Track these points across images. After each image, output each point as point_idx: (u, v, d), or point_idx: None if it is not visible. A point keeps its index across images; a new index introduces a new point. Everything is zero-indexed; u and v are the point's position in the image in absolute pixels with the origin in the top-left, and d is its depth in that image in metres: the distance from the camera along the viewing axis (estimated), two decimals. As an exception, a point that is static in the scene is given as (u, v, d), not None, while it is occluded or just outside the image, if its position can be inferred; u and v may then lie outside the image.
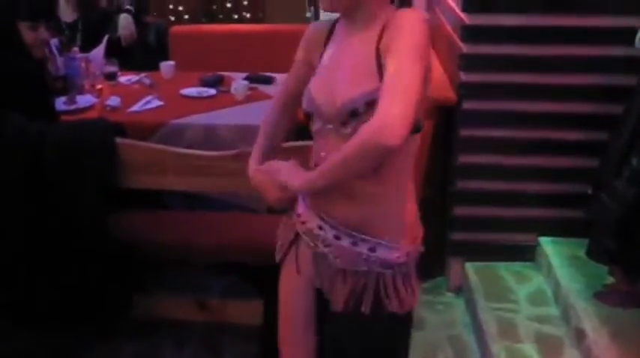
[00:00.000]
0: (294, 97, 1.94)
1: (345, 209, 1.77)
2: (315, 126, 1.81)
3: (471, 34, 3.16)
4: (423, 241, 1.88)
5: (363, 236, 1.76)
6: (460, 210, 3.39)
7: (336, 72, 1.75)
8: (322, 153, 1.78)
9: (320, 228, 1.81)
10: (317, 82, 1.81)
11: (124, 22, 4.52)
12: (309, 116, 1.83)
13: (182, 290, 3.26)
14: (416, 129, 1.68)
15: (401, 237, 1.78)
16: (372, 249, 1.76)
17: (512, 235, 3.41)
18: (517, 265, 3.40)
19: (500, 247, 3.42)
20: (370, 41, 1.70)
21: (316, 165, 1.80)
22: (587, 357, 2.68)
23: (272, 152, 1.97)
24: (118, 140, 2.66)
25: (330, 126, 1.75)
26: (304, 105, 1.83)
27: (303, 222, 1.86)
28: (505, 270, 3.38)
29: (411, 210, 1.83)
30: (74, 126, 2.88)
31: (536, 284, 3.26)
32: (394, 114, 1.52)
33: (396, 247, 1.77)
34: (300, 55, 1.94)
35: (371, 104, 1.62)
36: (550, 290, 3.19)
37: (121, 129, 2.81)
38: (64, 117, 3.12)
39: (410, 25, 1.64)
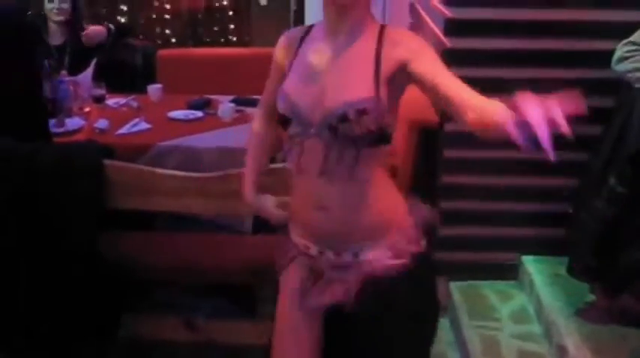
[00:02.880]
0: (275, 108, 1.91)
1: (318, 223, 1.80)
2: (293, 130, 1.79)
3: (452, 57, 3.24)
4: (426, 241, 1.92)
5: (345, 243, 1.80)
6: (444, 230, 3.44)
7: (324, 77, 1.75)
8: (303, 159, 1.78)
9: (306, 247, 1.86)
10: (298, 86, 1.79)
11: (97, 28, 4.52)
12: (284, 120, 1.81)
13: (170, 310, 3.28)
14: (388, 138, 1.73)
15: (383, 236, 1.81)
16: (356, 255, 1.80)
17: (495, 254, 3.46)
18: (500, 284, 3.45)
19: (483, 266, 3.47)
20: (367, 49, 1.72)
21: (298, 172, 1.81)
22: (569, 374, 2.73)
23: (263, 175, 2.03)
24: (107, 162, 2.69)
25: (313, 130, 1.74)
26: (281, 108, 1.81)
27: (295, 245, 1.91)
28: (488, 289, 3.42)
29: (393, 211, 1.86)
30: (63, 148, 2.92)
31: (519, 303, 3.31)
32: None
33: (380, 250, 1.80)
34: (274, 63, 1.95)
35: (362, 112, 1.65)
36: (532, 307, 3.24)
37: (109, 151, 2.84)
38: (53, 140, 3.15)
39: (421, 40, 1.73)
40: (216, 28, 6.43)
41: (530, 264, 3.36)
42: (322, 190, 1.76)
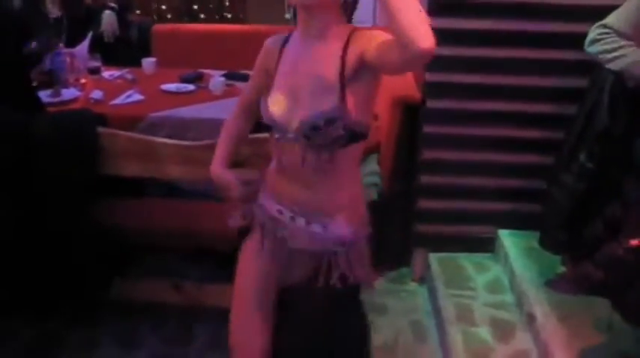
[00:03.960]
0: (253, 104, 2.09)
1: (302, 196, 1.93)
2: (276, 135, 1.94)
3: (437, 36, 3.34)
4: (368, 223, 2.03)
5: (316, 216, 1.93)
6: (424, 204, 3.58)
7: (294, 89, 1.87)
8: (284, 159, 1.93)
9: (279, 211, 1.98)
10: (274, 97, 1.92)
11: (107, 19, 4.69)
12: (265, 126, 1.96)
13: (160, 274, 3.41)
14: (361, 136, 1.86)
15: (350, 217, 1.95)
16: (325, 227, 1.93)
17: (473, 228, 3.60)
18: (477, 256, 3.60)
19: (461, 239, 3.61)
20: (333, 56, 1.80)
21: (278, 171, 1.97)
22: (537, 339, 2.87)
23: (233, 154, 2.17)
24: (101, 129, 2.81)
25: (291, 135, 1.87)
26: (263, 117, 1.95)
27: (265, 211, 2.04)
28: (466, 261, 3.57)
29: (358, 194, 2.01)
30: (58, 115, 3.04)
31: (494, 274, 3.45)
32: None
33: (347, 225, 1.93)
34: (257, 65, 2.06)
35: (331, 121, 1.77)
36: (507, 279, 3.38)
37: (102, 119, 2.96)
38: (49, 110, 3.26)
39: (378, 31, 1.76)
40: (211, 5, 6.51)
41: (506, 238, 3.50)
42: (306, 177, 1.91)
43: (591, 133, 2.82)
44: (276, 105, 1.90)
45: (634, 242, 2.33)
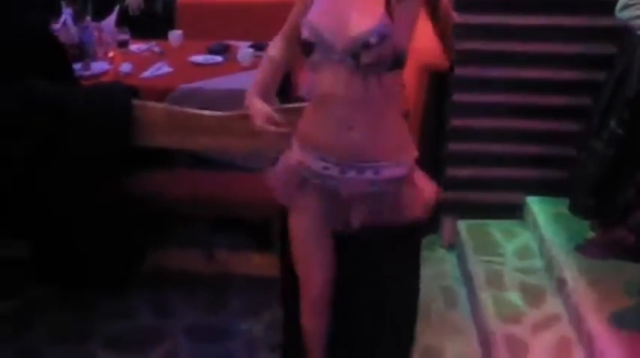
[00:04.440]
0: (298, 31, 2.00)
1: (343, 142, 1.94)
2: (315, 57, 1.91)
3: (462, 4, 3.35)
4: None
5: (365, 163, 1.95)
6: (452, 171, 3.60)
7: (339, 8, 1.87)
8: (327, 84, 1.90)
9: (325, 168, 2.00)
10: (320, 14, 1.91)
11: None
12: (307, 46, 1.91)
13: (190, 244, 3.47)
14: (403, 62, 1.88)
15: (398, 155, 1.98)
16: (377, 172, 1.96)
17: (501, 194, 3.63)
18: (506, 222, 3.62)
19: (490, 206, 3.64)
20: None
21: (320, 96, 1.94)
22: (567, 303, 2.91)
23: (274, 82, 2.16)
24: (134, 101, 2.85)
25: (336, 56, 1.86)
26: (305, 34, 1.91)
27: (307, 167, 2.04)
28: (494, 227, 3.60)
29: (402, 130, 2.03)
30: (93, 89, 3.09)
31: (523, 240, 3.48)
32: None
33: (397, 164, 1.97)
34: None
35: (382, 38, 1.79)
36: (535, 245, 3.41)
37: (135, 92, 2.99)
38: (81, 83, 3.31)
39: None
40: (233, -24, 6.49)
41: (535, 204, 3.52)
42: (347, 112, 1.90)
43: (621, 99, 2.84)
44: (321, 23, 1.89)
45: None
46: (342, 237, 2.11)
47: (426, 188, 2.08)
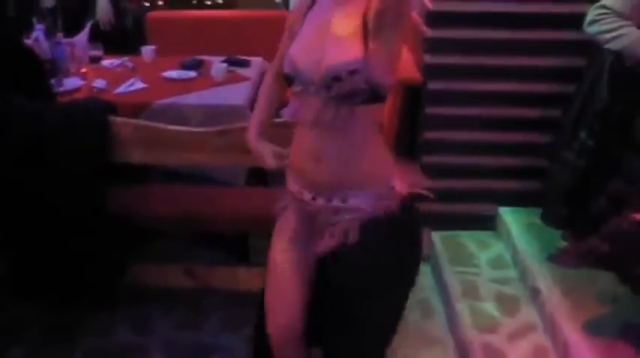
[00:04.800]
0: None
1: (312, 172, 1.97)
2: (296, 88, 1.96)
3: (435, 19, 3.41)
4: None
5: (335, 191, 1.97)
6: (428, 183, 3.63)
7: (320, 40, 1.91)
8: (302, 112, 1.95)
9: (299, 192, 2.04)
10: (298, 48, 1.96)
11: (103, 8, 4.72)
12: (288, 78, 1.98)
13: (168, 259, 3.47)
14: (382, 96, 1.90)
15: (370, 185, 1.96)
16: (344, 200, 1.97)
17: (474, 206, 3.68)
18: (479, 233, 3.68)
19: (463, 217, 3.69)
20: (356, 14, 1.87)
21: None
22: (542, 312, 2.96)
23: (267, 123, 2.22)
24: (112, 117, 2.86)
25: (312, 88, 1.90)
26: (285, 69, 1.98)
27: (291, 191, 2.09)
28: (468, 238, 3.65)
29: (378, 161, 1.99)
30: (71, 105, 3.09)
31: (497, 251, 3.54)
32: None
33: (367, 194, 1.95)
34: (286, 30, 2.11)
35: (353, 72, 1.82)
36: (509, 255, 3.47)
37: (112, 108, 3.00)
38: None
39: None
40: (202, -9, 6.55)
41: (507, 215, 3.58)
42: (317, 143, 1.93)
43: (591, 112, 2.91)
44: (301, 57, 1.94)
45: (639, 216, 2.42)
46: (322, 258, 2.12)
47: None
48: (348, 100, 1.87)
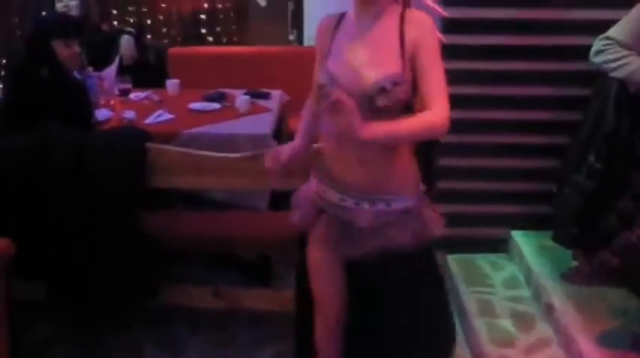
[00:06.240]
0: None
1: (359, 176, 2.14)
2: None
3: (446, 50, 3.59)
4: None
5: (378, 196, 2.15)
6: (441, 208, 3.78)
7: (358, 56, 2.09)
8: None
9: (342, 199, 2.20)
10: (337, 63, 2.12)
11: (126, 44, 4.91)
12: (324, 90, 2.13)
13: (193, 281, 3.58)
14: (411, 109, 2.10)
15: (408, 189, 2.20)
16: (388, 204, 2.16)
17: (487, 230, 3.85)
18: (492, 256, 3.84)
19: (477, 240, 3.85)
20: (391, 31, 2.06)
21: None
22: (556, 327, 3.10)
23: (312, 132, 2.38)
24: (149, 144, 3.03)
25: (353, 99, 2.01)
26: (322, 79, 2.15)
27: (324, 198, 2.25)
28: (482, 260, 3.81)
29: (411, 166, 2.24)
30: (110, 132, 3.27)
31: (510, 271, 3.69)
32: (447, 115, 2.04)
33: (406, 198, 2.18)
34: (317, 48, 2.28)
35: (396, 84, 2.01)
36: (522, 275, 3.62)
37: (149, 136, 3.16)
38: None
39: (430, 25, 2.08)
40: (218, 29, 6.76)
41: (519, 238, 3.74)
42: (360, 150, 2.09)
43: (599, 136, 3.08)
44: (339, 71, 2.10)
45: (647, 231, 2.59)
46: (356, 263, 2.28)
47: (434, 218, 2.27)
48: (388, 111, 2.05)
